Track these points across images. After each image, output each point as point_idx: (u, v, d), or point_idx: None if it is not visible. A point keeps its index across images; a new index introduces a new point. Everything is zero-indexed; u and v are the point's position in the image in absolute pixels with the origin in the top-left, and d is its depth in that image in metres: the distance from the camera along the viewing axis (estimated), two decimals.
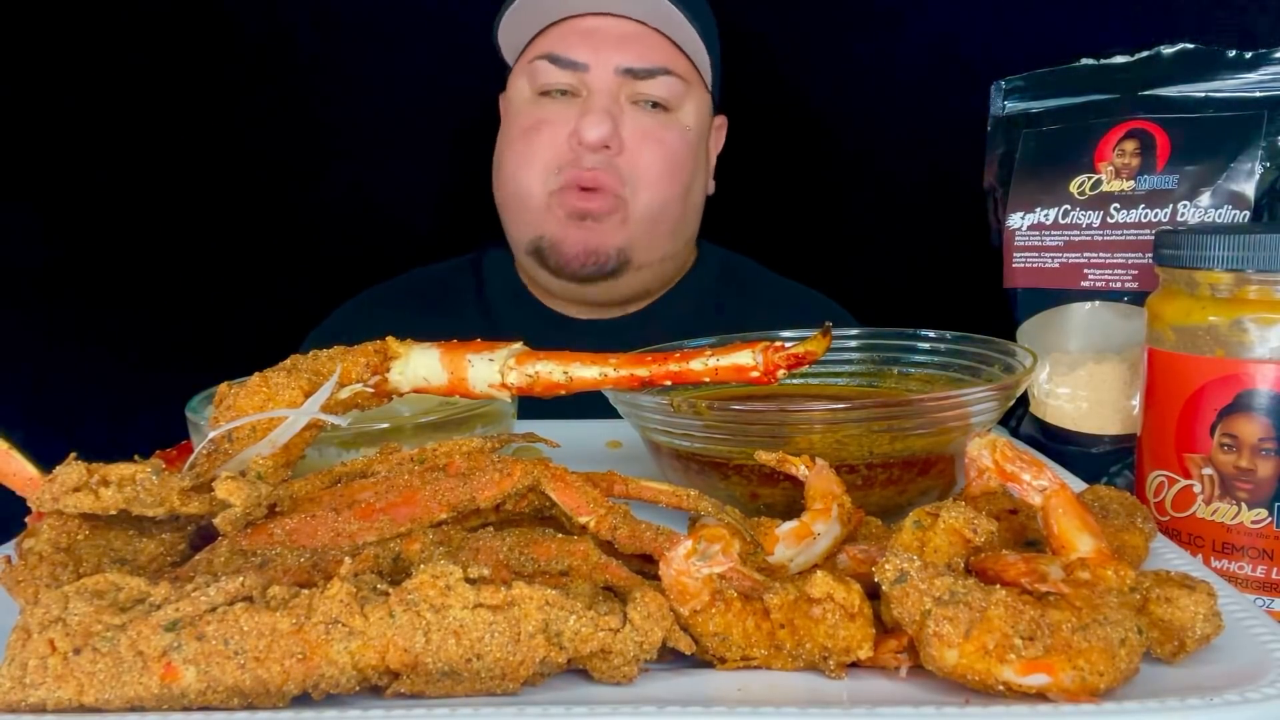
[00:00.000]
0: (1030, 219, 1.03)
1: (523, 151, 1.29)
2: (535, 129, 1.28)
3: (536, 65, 1.28)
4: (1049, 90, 1.07)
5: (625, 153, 1.26)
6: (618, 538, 0.60)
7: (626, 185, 1.26)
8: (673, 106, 1.29)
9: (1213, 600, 0.53)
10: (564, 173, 1.25)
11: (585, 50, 1.26)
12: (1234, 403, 0.72)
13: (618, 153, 1.25)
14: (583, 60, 1.25)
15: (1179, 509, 0.76)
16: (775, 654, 0.54)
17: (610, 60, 1.25)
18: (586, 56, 1.26)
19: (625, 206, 1.26)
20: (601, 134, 1.23)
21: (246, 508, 0.58)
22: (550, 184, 1.26)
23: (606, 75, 1.25)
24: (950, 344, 0.91)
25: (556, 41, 1.27)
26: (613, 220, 1.26)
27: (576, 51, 1.26)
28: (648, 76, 1.26)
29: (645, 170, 1.27)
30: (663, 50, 1.27)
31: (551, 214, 1.27)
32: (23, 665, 0.49)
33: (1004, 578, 0.55)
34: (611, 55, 1.25)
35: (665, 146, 1.28)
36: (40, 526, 0.59)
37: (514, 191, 1.30)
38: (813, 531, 0.62)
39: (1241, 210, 0.92)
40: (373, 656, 0.50)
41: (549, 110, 1.28)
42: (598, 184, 1.24)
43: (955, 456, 0.77)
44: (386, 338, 0.71)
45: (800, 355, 0.64)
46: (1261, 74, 0.94)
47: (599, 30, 1.26)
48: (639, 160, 1.26)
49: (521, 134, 1.29)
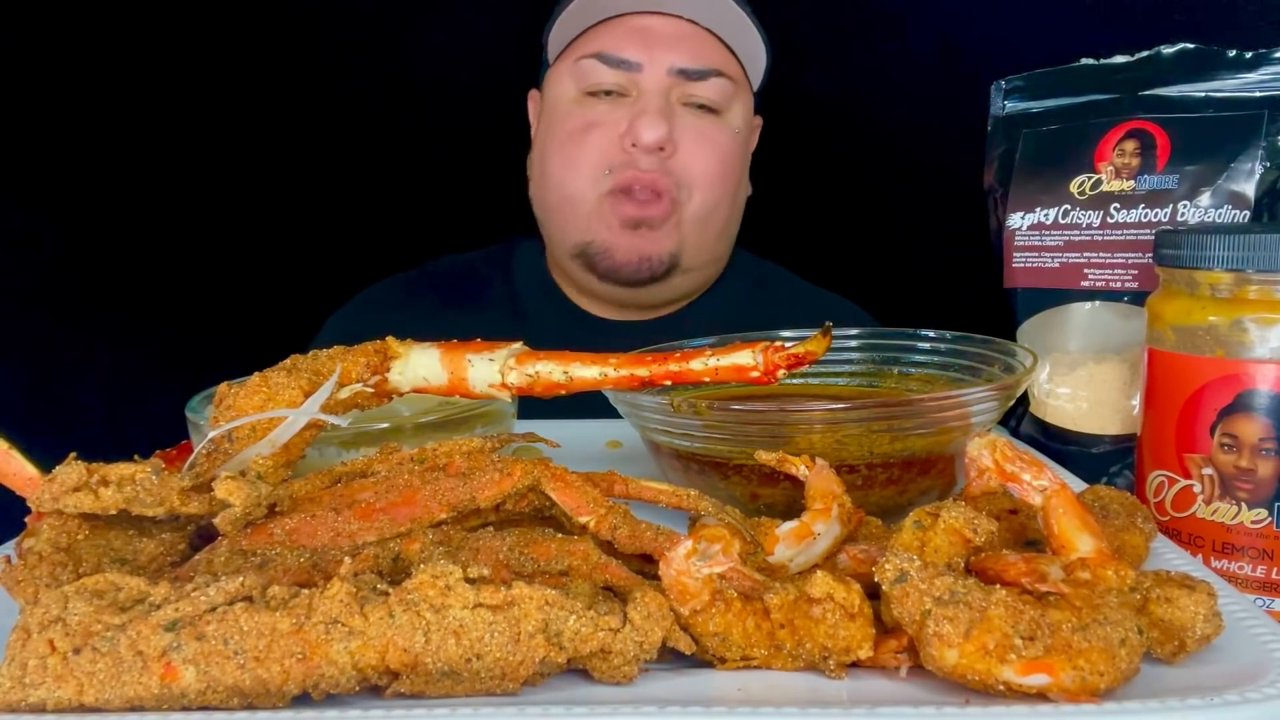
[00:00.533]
0: (1030, 219, 1.03)
1: (572, 154, 1.26)
2: (584, 131, 1.25)
3: (584, 64, 1.25)
4: (1049, 90, 1.07)
5: (678, 154, 1.24)
6: (618, 538, 0.60)
7: (681, 188, 1.24)
8: (722, 108, 1.27)
9: (1213, 600, 0.53)
10: (615, 175, 1.23)
11: (638, 49, 1.23)
12: (1234, 403, 0.72)
13: (671, 154, 1.23)
14: (635, 59, 1.23)
15: (1179, 509, 0.76)
16: (775, 654, 0.54)
17: (664, 60, 1.23)
18: (639, 56, 1.23)
19: (679, 210, 1.25)
20: (659, 135, 1.20)
21: (246, 508, 0.58)
22: (601, 186, 1.24)
23: (659, 75, 1.23)
24: (950, 344, 0.91)
25: (607, 40, 1.24)
26: (667, 226, 1.25)
27: (629, 50, 1.23)
28: (700, 78, 1.24)
29: (700, 173, 1.25)
30: (715, 51, 1.25)
31: (601, 219, 1.25)
32: (23, 665, 0.49)
33: (1004, 578, 0.55)
34: (665, 55, 1.23)
35: (718, 148, 1.26)
36: (40, 526, 0.59)
37: (561, 196, 1.27)
38: (813, 531, 0.62)
39: (1241, 210, 0.92)
40: (373, 656, 0.50)
41: (598, 112, 1.25)
42: (653, 186, 1.22)
43: (955, 456, 0.77)
44: (387, 337, 0.71)
45: (800, 355, 0.64)
46: (1261, 74, 0.94)
47: (651, 29, 1.24)
48: (692, 162, 1.24)
49: (569, 137, 1.26)
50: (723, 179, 1.27)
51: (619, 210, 1.23)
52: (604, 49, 1.24)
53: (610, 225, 1.24)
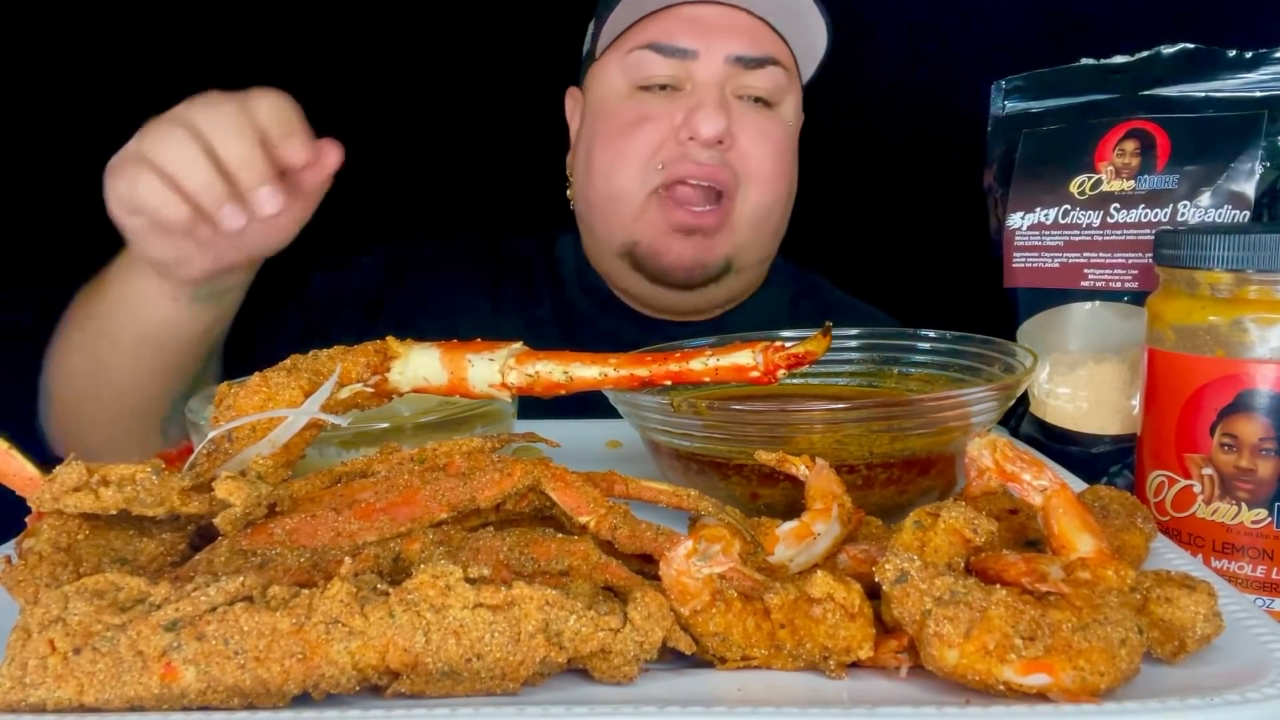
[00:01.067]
0: (1030, 219, 1.03)
1: (621, 149, 1.21)
2: (635, 125, 1.20)
3: (636, 56, 1.21)
4: (1049, 90, 1.07)
5: (735, 149, 1.20)
6: (618, 538, 0.60)
7: (738, 182, 1.20)
8: (775, 101, 1.24)
9: (1213, 600, 0.53)
10: (669, 169, 1.18)
11: (693, 37, 1.19)
12: (1234, 403, 0.72)
13: (729, 148, 1.19)
14: (691, 47, 1.19)
15: (1179, 509, 0.76)
16: (775, 654, 0.54)
17: (721, 48, 1.19)
18: (695, 43, 1.19)
19: (733, 211, 1.21)
20: (718, 128, 1.16)
21: (246, 508, 0.58)
22: (650, 182, 1.19)
23: (715, 64, 1.19)
24: (950, 344, 0.91)
25: (660, 29, 1.20)
26: (722, 232, 1.21)
27: (684, 38, 1.19)
28: (757, 66, 1.20)
29: (757, 168, 1.21)
30: (770, 40, 1.22)
31: (649, 220, 1.21)
32: (23, 665, 0.49)
33: (1004, 578, 0.55)
34: (722, 43, 1.19)
35: (774, 143, 1.23)
36: (40, 526, 0.59)
37: (606, 193, 1.23)
38: (813, 531, 0.62)
39: (1241, 210, 0.92)
40: (373, 656, 0.50)
41: (650, 105, 1.21)
42: (712, 178, 1.18)
43: (955, 456, 0.77)
44: (387, 338, 0.71)
45: (800, 355, 0.64)
46: (1261, 74, 0.94)
47: (705, 17, 1.20)
48: (750, 157, 1.21)
49: (618, 131, 1.22)
50: (779, 175, 1.24)
51: (670, 216, 1.19)
52: (657, 38, 1.20)
53: (659, 228, 1.20)
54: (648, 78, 1.21)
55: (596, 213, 1.27)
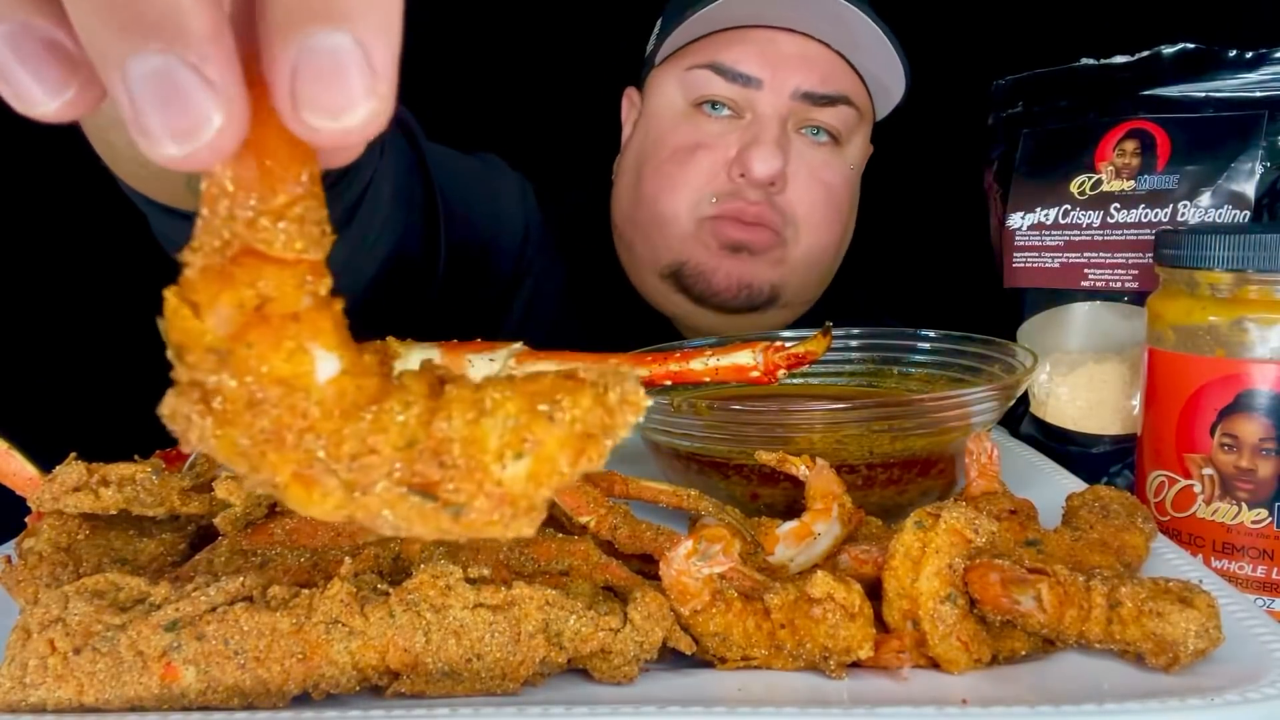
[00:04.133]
0: (1030, 219, 1.03)
1: (672, 174, 1.14)
2: (689, 152, 1.13)
3: (696, 75, 1.13)
4: (1049, 90, 1.07)
5: (789, 191, 1.13)
6: (618, 538, 0.61)
7: (789, 225, 1.14)
8: (842, 140, 1.16)
9: (1207, 616, 0.52)
10: (720, 204, 1.12)
11: (761, 65, 1.10)
12: (1234, 403, 0.72)
13: (781, 190, 1.12)
14: (757, 75, 1.10)
15: (1179, 509, 0.76)
16: (775, 654, 0.54)
17: (789, 81, 1.10)
18: (762, 72, 1.10)
19: (784, 245, 1.15)
20: (773, 170, 1.08)
21: (246, 508, 0.58)
22: (701, 211, 1.13)
23: (781, 98, 1.11)
24: (950, 344, 0.91)
25: (727, 51, 1.12)
26: (771, 256, 1.14)
27: (750, 65, 1.10)
28: (827, 104, 1.12)
29: (808, 214, 1.14)
30: (845, 77, 1.13)
31: (699, 241, 1.14)
32: (23, 665, 0.49)
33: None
34: (791, 75, 1.10)
35: (830, 190, 1.16)
36: (40, 526, 0.59)
37: (653, 216, 1.16)
38: (813, 531, 0.62)
39: (1241, 210, 0.92)
40: (373, 656, 0.50)
41: (707, 131, 1.13)
42: (759, 220, 1.12)
43: (955, 456, 0.77)
44: (387, 338, 0.70)
45: (800, 355, 0.65)
46: (1261, 74, 0.94)
47: (777, 45, 1.11)
48: (802, 202, 1.14)
49: (671, 155, 1.14)
50: (832, 222, 1.17)
51: (720, 232, 1.12)
52: (721, 60, 1.11)
53: (709, 246, 1.14)
54: (706, 96, 1.13)
55: (640, 232, 1.20)
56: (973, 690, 0.51)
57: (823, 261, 1.20)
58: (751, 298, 1.16)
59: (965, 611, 0.54)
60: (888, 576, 0.56)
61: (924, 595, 0.54)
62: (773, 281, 1.16)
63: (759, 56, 1.11)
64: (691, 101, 1.14)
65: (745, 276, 1.15)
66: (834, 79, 1.12)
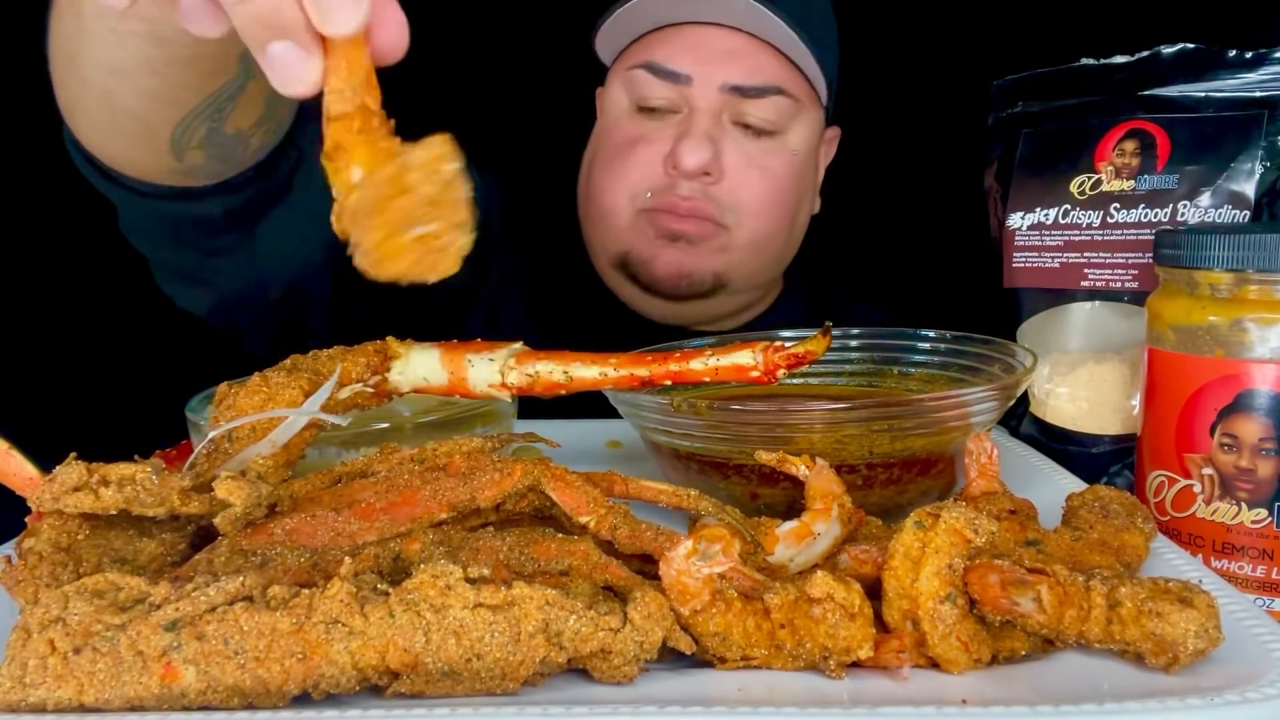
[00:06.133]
0: (1030, 219, 1.03)
1: (617, 170, 1.19)
2: (630, 147, 1.18)
3: (635, 75, 1.17)
4: (1049, 90, 1.07)
5: (725, 181, 1.16)
6: (618, 538, 0.60)
7: (728, 214, 1.16)
8: (780, 129, 1.18)
9: (1207, 616, 0.52)
10: (655, 198, 1.16)
11: (690, 61, 1.14)
12: (1234, 403, 0.72)
13: (716, 180, 1.15)
14: (686, 72, 1.14)
15: (1179, 509, 0.76)
16: (775, 654, 0.54)
17: (716, 75, 1.13)
18: (691, 68, 1.14)
19: (726, 234, 1.18)
20: (700, 160, 1.12)
21: (246, 508, 0.58)
22: (639, 203, 1.17)
23: (710, 92, 1.14)
24: (950, 344, 0.91)
25: (659, 49, 1.16)
26: (709, 245, 1.17)
27: (680, 62, 1.14)
28: (757, 96, 1.14)
29: (747, 202, 1.17)
30: (775, 67, 1.15)
31: (639, 231, 1.18)
32: (23, 665, 0.49)
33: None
34: (718, 70, 1.13)
35: (770, 176, 1.18)
36: (40, 526, 0.59)
37: (600, 208, 1.22)
38: (813, 531, 0.62)
39: (1241, 210, 0.92)
40: (373, 656, 0.50)
41: (646, 128, 1.18)
42: (694, 213, 1.15)
43: (955, 456, 0.77)
44: (387, 338, 0.71)
45: (800, 355, 0.65)
46: (1261, 74, 0.94)
47: (706, 41, 1.14)
48: (741, 191, 1.16)
49: (615, 151, 1.20)
50: (775, 208, 1.19)
51: (657, 222, 1.17)
52: (654, 59, 1.15)
53: (647, 236, 1.18)
54: (644, 98, 1.17)
55: (593, 224, 1.25)
56: (973, 690, 0.51)
57: (770, 247, 1.23)
58: (693, 285, 1.20)
59: (965, 611, 0.54)
60: (887, 576, 0.56)
61: (924, 595, 0.54)
62: (715, 270, 1.20)
63: (689, 53, 1.14)
64: (633, 100, 1.19)
65: (685, 265, 1.18)
66: (762, 70, 1.15)
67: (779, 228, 1.22)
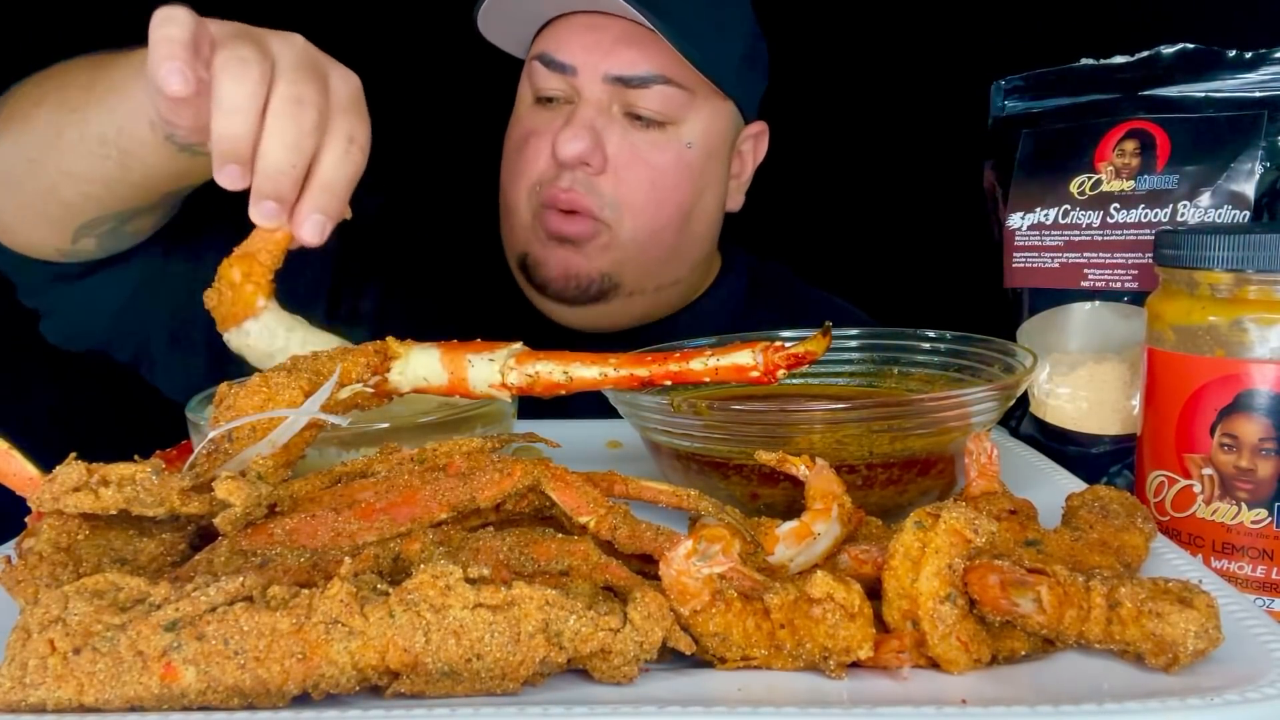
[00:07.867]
0: (1030, 219, 1.03)
1: (514, 164, 1.18)
2: (525, 140, 1.17)
3: (532, 66, 1.16)
4: (1049, 90, 1.07)
5: (609, 173, 1.13)
6: (618, 538, 0.60)
7: (608, 209, 1.14)
8: (672, 120, 1.14)
9: (1207, 616, 0.52)
10: (542, 190, 1.14)
11: (576, 52, 1.13)
12: (1234, 403, 0.72)
13: (598, 172, 1.13)
14: (571, 63, 1.13)
15: (1179, 509, 0.76)
16: (775, 654, 0.54)
17: (600, 66, 1.11)
18: (576, 59, 1.12)
19: (609, 231, 1.15)
20: (577, 150, 1.10)
21: (246, 508, 0.58)
22: (532, 202, 1.16)
23: (595, 82, 1.12)
24: (950, 344, 0.91)
25: (552, 40, 1.15)
26: (594, 245, 1.15)
27: (566, 53, 1.13)
28: (641, 86, 1.12)
29: (630, 195, 1.14)
30: (663, 57, 1.11)
31: (534, 233, 1.17)
32: (23, 665, 0.49)
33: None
34: (601, 60, 1.11)
35: (654, 169, 1.14)
36: (40, 526, 0.59)
37: (504, 205, 1.21)
38: (813, 531, 0.62)
39: (1241, 210, 0.92)
40: (373, 656, 0.50)
41: (539, 120, 1.16)
42: (572, 205, 1.12)
43: (955, 456, 0.77)
44: (387, 338, 0.71)
45: (800, 355, 0.65)
46: (1261, 74, 0.94)
47: (594, 30, 1.12)
48: (623, 184, 1.14)
49: (515, 144, 1.19)
50: (660, 203, 1.15)
51: (546, 224, 1.15)
52: (546, 50, 1.14)
53: (540, 238, 1.16)
54: (540, 89, 1.16)
55: (503, 223, 1.23)
56: (972, 690, 0.51)
57: (658, 244, 1.18)
58: (581, 287, 1.17)
59: (965, 611, 0.54)
60: (887, 576, 0.56)
61: (924, 595, 0.54)
62: (602, 270, 1.17)
63: (575, 44, 1.13)
64: (533, 92, 1.17)
65: (572, 267, 1.16)
66: (645, 61, 1.11)
67: (665, 223, 1.17)
